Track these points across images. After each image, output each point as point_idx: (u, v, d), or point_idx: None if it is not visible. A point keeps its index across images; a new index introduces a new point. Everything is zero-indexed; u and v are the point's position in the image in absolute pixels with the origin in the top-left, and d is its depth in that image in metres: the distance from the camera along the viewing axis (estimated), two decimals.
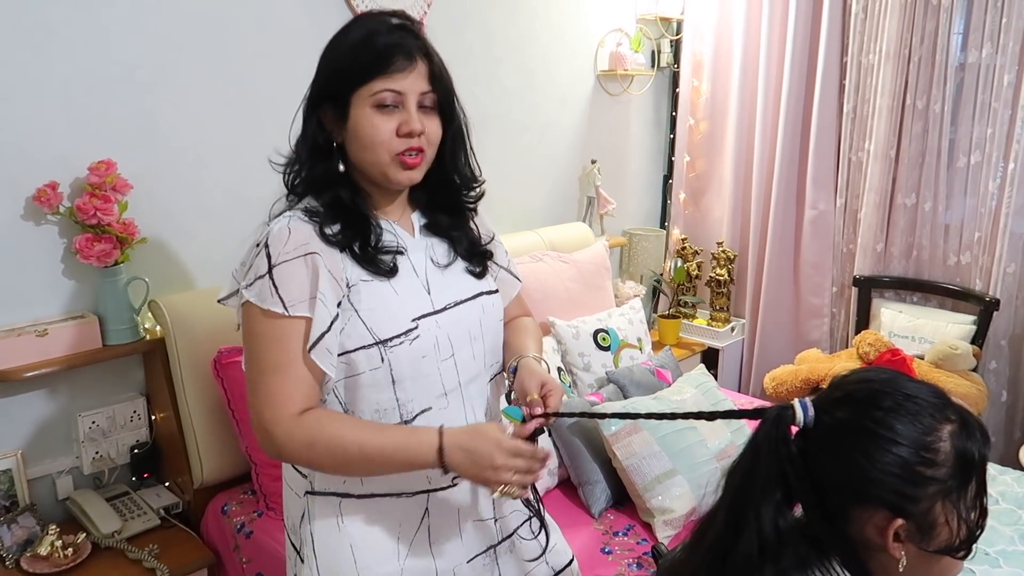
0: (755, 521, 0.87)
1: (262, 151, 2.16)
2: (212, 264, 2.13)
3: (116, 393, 2.02)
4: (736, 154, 3.37)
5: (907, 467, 0.84)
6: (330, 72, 1.14)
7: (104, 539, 1.81)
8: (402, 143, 1.11)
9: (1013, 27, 2.70)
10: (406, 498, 1.19)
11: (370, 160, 1.13)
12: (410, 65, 1.11)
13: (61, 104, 1.82)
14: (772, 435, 0.88)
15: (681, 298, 3.48)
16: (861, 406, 0.87)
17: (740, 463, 0.92)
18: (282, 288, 1.07)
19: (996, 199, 2.84)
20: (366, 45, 1.10)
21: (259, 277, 1.09)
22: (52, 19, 1.78)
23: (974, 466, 0.86)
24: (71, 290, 1.91)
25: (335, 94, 1.12)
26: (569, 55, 3.05)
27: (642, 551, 1.85)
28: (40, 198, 1.77)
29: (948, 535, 0.86)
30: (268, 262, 1.08)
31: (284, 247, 1.09)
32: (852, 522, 0.88)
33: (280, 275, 1.08)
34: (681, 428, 2.04)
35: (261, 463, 1.94)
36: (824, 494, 0.88)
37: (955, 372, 2.75)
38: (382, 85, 1.09)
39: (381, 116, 1.10)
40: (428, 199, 1.25)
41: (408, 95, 1.11)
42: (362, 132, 1.11)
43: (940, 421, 0.86)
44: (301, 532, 1.21)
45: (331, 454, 1.07)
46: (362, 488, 1.17)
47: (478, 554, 1.26)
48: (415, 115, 1.11)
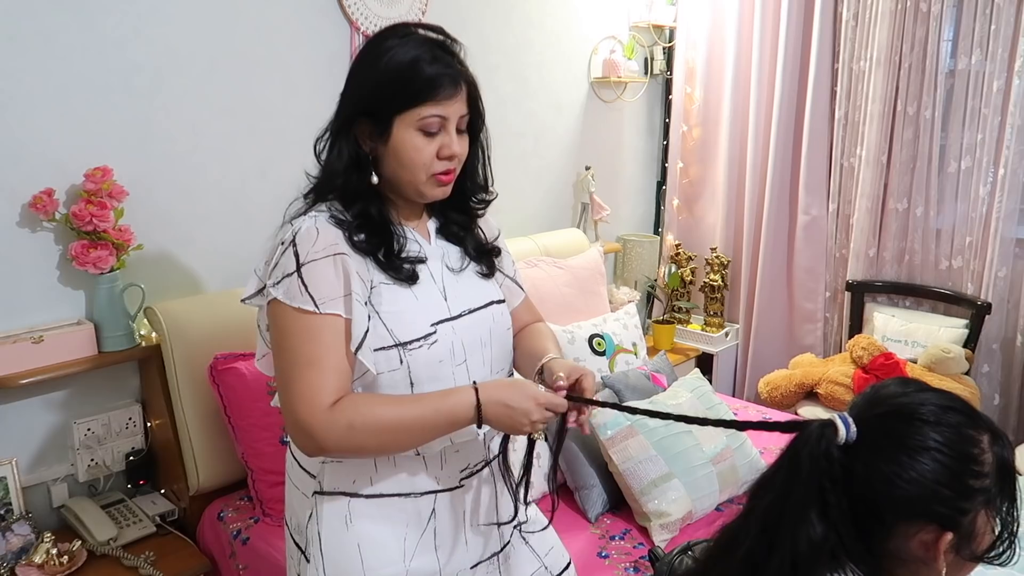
0: (790, 538, 0.85)
1: (258, 158, 2.20)
2: (208, 271, 2.13)
3: (112, 400, 2.02)
4: (729, 160, 3.39)
5: (958, 480, 0.84)
6: (372, 90, 1.14)
7: (100, 547, 1.80)
8: (441, 165, 1.16)
9: (1002, 34, 2.73)
10: (415, 498, 1.20)
11: (407, 179, 1.16)
12: (455, 92, 1.14)
13: (58, 110, 1.82)
14: (815, 451, 0.86)
15: (675, 303, 3.49)
16: (905, 420, 0.86)
17: (775, 478, 0.89)
18: (312, 286, 1.09)
19: (987, 204, 2.87)
20: (414, 71, 1.12)
21: (287, 275, 1.10)
22: (50, 26, 1.78)
23: (1011, 472, 0.87)
24: (67, 297, 1.91)
25: (376, 112, 1.14)
26: (563, 62, 3.07)
27: (639, 555, 1.85)
28: (36, 205, 1.77)
29: (989, 541, 0.87)
30: (296, 260, 1.10)
31: (313, 246, 1.10)
32: (894, 537, 0.87)
33: (309, 273, 1.09)
34: (677, 432, 2.04)
35: (257, 469, 1.94)
36: (865, 511, 0.87)
37: (948, 376, 2.77)
38: (429, 111, 1.12)
39: (424, 139, 1.14)
40: (442, 203, 1.27)
41: (451, 120, 1.15)
42: (404, 153, 1.14)
43: (979, 431, 0.86)
44: (308, 532, 1.21)
45: (373, 433, 1.08)
46: (371, 488, 1.19)
47: (483, 560, 1.27)
48: (455, 139, 1.16)
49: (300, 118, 2.23)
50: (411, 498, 1.20)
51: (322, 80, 2.26)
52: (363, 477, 1.19)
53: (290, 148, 2.22)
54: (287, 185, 2.25)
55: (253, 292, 1.19)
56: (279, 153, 2.21)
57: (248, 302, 1.20)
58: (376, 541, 1.19)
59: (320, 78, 2.26)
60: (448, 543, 1.23)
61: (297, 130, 2.22)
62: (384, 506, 1.19)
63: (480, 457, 1.27)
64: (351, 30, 2.32)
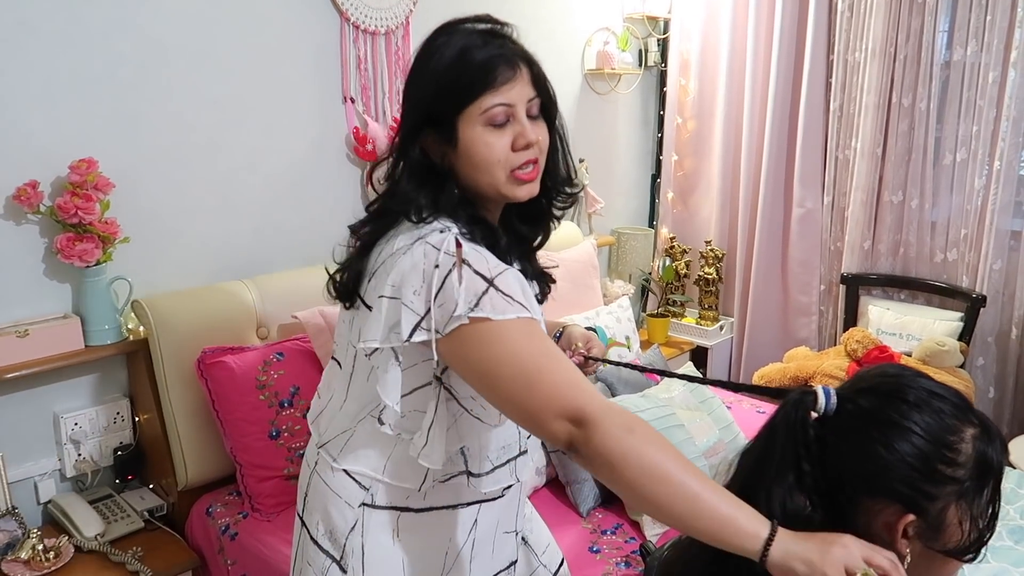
0: (765, 502, 0.86)
1: (246, 150, 2.18)
2: (196, 264, 2.11)
3: (99, 395, 2.00)
4: (724, 153, 3.37)
5: (927, 463, 0.83)
6: (429, 96, 1.05)
7: (87, 542, 1.79)
8: (519, 157, 1.05)
9: (997, 25, 2.71)
10: (461, 508, 1.17)
11: (486, 181, 1.06)
12: (515, 73, 1.04)
13: (42, 102, 1.80)
14: (791, 417, 0.88)
15: (670, 297, 3.48)
16: (886, 397, 0.86)
17: (755, 444, 0.92)
18: (515, 295, 0.99)
19: (982, 196, 2.85)
20: (465, 61, 1.02)
21: (482, 294, 0.97)
22: (33, 17, 1.76)
23: (992, 471, 0.86)
24: (52, 290, 1.88)
25: (438, 118, 1.04)
26: (557, 54, 3.04)
27: (630, 549, 1.84)
28: (20, 197, 1.75)
29: (958, 537, 0.85)
30: (483, 277, 0.98)
31: (488, 263, 1.00)
32: (861, 514, 0.87)
33: (504, 284, 0.99)
34: (669, 426, 2.03)
35: (246, 464, 1.92)
36: (835, 484, 0.87)
37: (942, 369, 2.76)
38: (491, 100, 1.02)
39: (495, 133, 1.03)
40: (508, 207, 1.16)
41: (518, 106, 1.04)
42: (476, 153, 1.03)
43: (964, 423, 0.85)
44: (349, 542, 1.15)
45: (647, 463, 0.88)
46: (423, 502, 1.15)
47: (502, 569, 1.26)
48: (528, 125, 1.05)
49: (289, 109, 2.20)
50: (459, 508, 1.17)
51: (311, 71, 2.23)
52: (417, 495, 1.14)
53: (279, 140, 2.20)
54: (276, 177, 2.26)
55: (412, 327, 0.99)
56: (268, 145, 2.19)
57: (412, 342, 1.00)
58: (420, 556, 1.16)
59: (310, 69, 2.23)
60: (481, 553, 1.22)
61: (286, 121, 2.20)
62: (433, 519, 1.16)
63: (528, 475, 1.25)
64: (341, 20, 2.29)
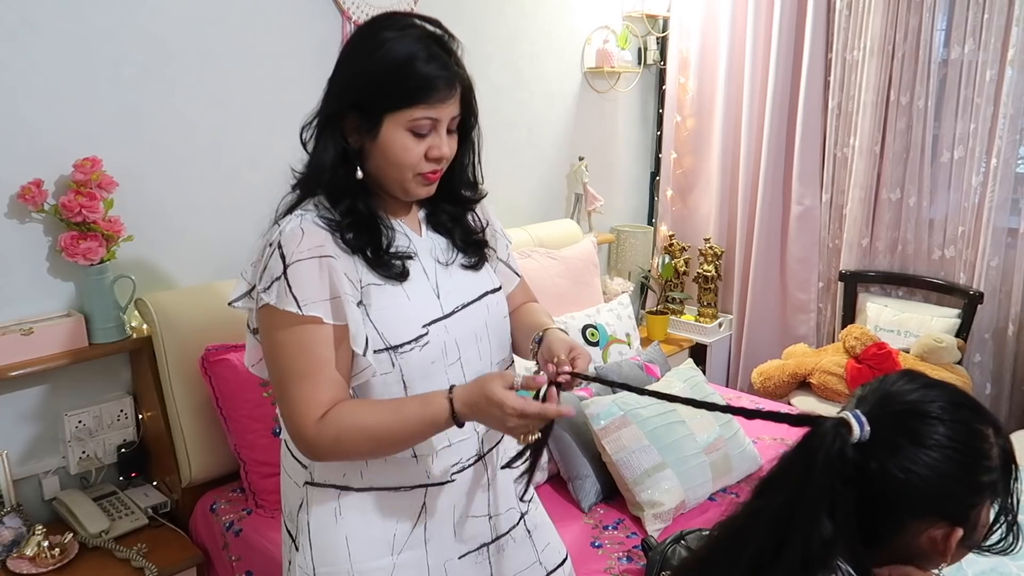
0: (802, 538, 0.83)
1: (249, 148, 2.18)
2: (198, 262, 2.12)
3: (103, 392, 2.01)
4: (723, 151, 3.38)
5: (971, 476, 0.84)
6: (363, 85, 1.11)
7: (91, 539, 1.80)
8: (428, 165, 1.14)
9: (995, 23, 2.73)
10: (404, 492, 1.19)
11: (394, 176, 1.14)
12: (450, 94, 1.11)
13: (46, 101, 1.80)
14: (829, 452, 0.84)
15: (669, 294, 3.49)
16: (919, 418, 0.86)
17: (786, 477, 0.88)
18: (296, 287, 1.07)
19: (979, 194, 2.87)
20: (408, 70, 1.08)
21: (275, 279, 1.08)
22: (37, 16, 1.76)
23: (1012, 462, 0.88)
24: (57, 289, 1.89)
25: (366, 107, 1.11)
26: (556, 52, 3.05)
27: (632, 545, 1.85)
28: (24, 196, 1.76)
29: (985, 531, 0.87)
30: (283, 263, 1.08)
31: (298, 247, 1.08)
32: (904, 534, 0.87)
33: (294, 275, 1.07)
34: (670, 422, 2.04)
35: (250, 461, 1.93)
36: (873, 508, 0.86)
37: (940, 365, 2.78)
38: (422, 113, 1.10)
39: (415, 140, 1.11)
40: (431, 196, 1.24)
41: (442, 122, 1.12)
42: (393, 153, 1.11)
43: (984, 425, 0.86)
44: (298, 520, 1.21)
45: (359, 443, 1.09)
46: (361, 482, 1.18)
47: (471, 551, 1.26)
48: (445, 140, 1.14)
49: (292, 107, 2.17)
50: (401, 492, 1.19)
51: (313, 69, 2.23)
52: (353, 471, 1.18)
53: (281, 138, 2.19)
54: (279, 175, 2.24)
55: (241, 295, 1.16)
56: (270, 143, 2.20)
57: (236, 305, 1.16)
58: (365, 535, 1.18)
59: (311, 67, 2.24)
60: (438, 535, 1.22)
61: (288, 120, 2.14)
62: (374, 500, 1.18)
63: (473, 452, 1.25)
64: (343, 19, 2.30)
